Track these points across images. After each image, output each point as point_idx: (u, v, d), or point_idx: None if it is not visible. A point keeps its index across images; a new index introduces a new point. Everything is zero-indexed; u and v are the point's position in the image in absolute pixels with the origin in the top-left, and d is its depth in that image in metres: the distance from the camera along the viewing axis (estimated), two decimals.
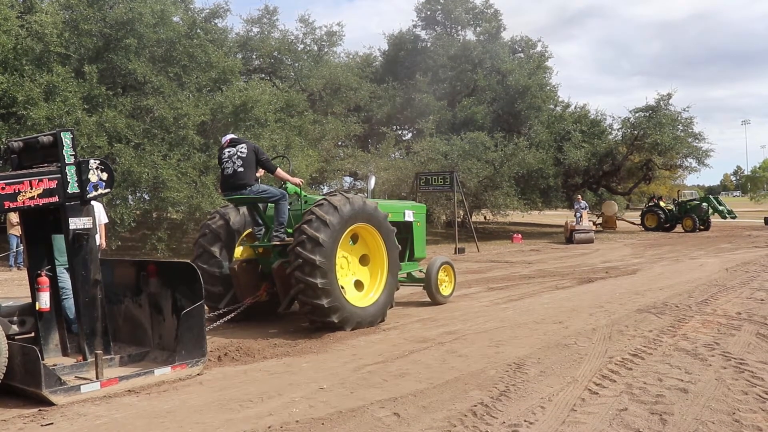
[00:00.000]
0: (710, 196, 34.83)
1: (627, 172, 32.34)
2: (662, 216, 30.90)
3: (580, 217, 25.36)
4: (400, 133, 33.59)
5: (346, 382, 5.23)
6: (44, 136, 5.34)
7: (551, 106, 31.79)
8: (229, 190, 7.69)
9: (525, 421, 4.19)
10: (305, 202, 8.07)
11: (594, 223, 29.48)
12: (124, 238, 17.46)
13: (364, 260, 8.09)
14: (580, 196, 27.32)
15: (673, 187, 45.53)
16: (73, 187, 5.23)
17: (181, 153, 17.56)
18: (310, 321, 7.36)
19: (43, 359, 5.02)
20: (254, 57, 26.17)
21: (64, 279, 6.15)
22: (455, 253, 19.01)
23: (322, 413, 4.44)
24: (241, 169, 7.54)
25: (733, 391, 4.73)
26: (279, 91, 22.45)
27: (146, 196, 18.37)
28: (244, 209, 8.31)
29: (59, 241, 5.77)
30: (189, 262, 6.60)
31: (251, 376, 5.56)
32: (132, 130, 17.02)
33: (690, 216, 30.27)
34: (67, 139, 5.20)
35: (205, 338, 5.66)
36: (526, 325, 7.56)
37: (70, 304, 6.03)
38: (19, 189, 4.94)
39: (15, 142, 5.56)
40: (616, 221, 32.12)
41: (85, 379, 5.11)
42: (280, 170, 7.85)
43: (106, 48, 17.73)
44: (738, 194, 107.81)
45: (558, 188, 29.83)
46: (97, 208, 7.48)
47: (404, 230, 9.22)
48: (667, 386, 4.90)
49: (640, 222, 32.22)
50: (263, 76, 25.80)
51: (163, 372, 5.34)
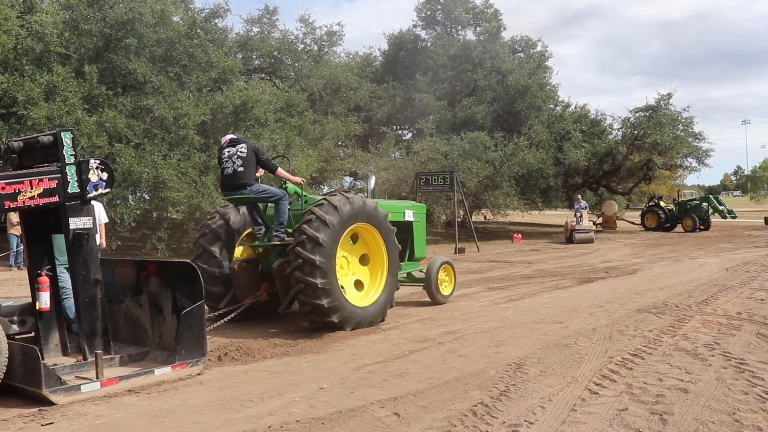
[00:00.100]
0: (710, 196, 34.82)
1: (627, 172, 32.33)
2: (662, 216, 30.88)
3: (580, 217, 25.34)
4: (400, 133, 33.57)
5: (346, 382, 5.23)
6: (44, 135, 5.34)
7: (551, 106, 31.80)
8: (229, 190, 7.69)
9: (525, 421, 4.19)
10: (305, 202, 8.07)
11: (594, 223, 29.45)
12: (124, 238, 17.47)
13: (364, 260, 8.09)
14: (580, 196, 27.28)
15: (673, 186, 45.51)
16: (74, 187, 5.23)
17: (181, 153, 17.56)
18: (310, 321, 7.36)
19: (43, 359, 5.02)
20: (254, 57, 26.17)
21: (65, 279, 6.15)
22: (455, 253, 19.02)
23: (322, 413, 4.44)
24: (241, 169, 7.54)
25: (734, 391, 4.73)
26: (279, 91, 22.43)
27: (146, 196, 18.37)
28: (244, 209, 8.31)
29: (59, 241, 5.78)
30: (189, 261, 6.61)
31: (251, 375, 5.56)
32: (132, 130, 17.02)
33: (690, 216, 30.25)
34: (67, 138, 5.21)
35: (205, 338, 5.66)
36: (526, 324, 7.55)
37: (70, 303, 6.03)
38: (19, 189, 4.94)
39: (15, 141, 5.56)
40: (616, 221, 32.11)
41: (85, 378, 5.11)
42: (281, 169, 7.86)
43: (106, 48, 17.74)
44: (738, 194, 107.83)
45: (558, 188, 29.82)
46: (98, 207, 7.48)
47: (404, 230, 9.22)
48: (668, 386, 4.90)
49: (640, 222, 32.20)
50: (263, 76, 25.79)
51: (164, 372, 5.34)
